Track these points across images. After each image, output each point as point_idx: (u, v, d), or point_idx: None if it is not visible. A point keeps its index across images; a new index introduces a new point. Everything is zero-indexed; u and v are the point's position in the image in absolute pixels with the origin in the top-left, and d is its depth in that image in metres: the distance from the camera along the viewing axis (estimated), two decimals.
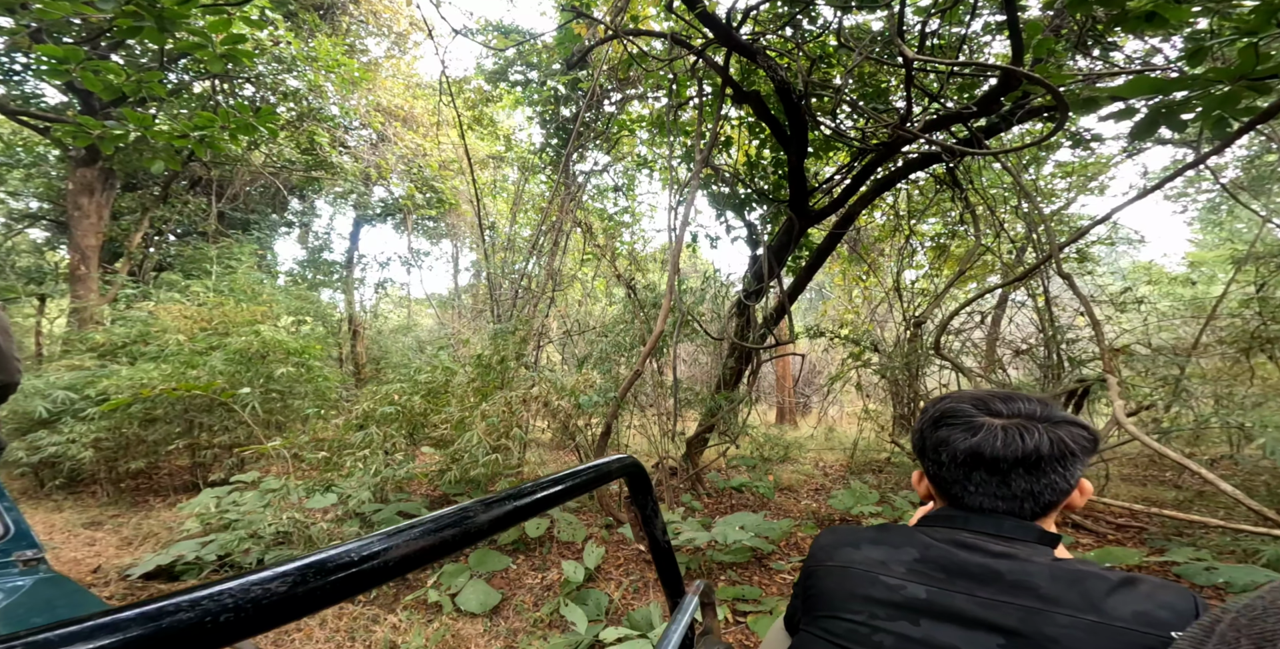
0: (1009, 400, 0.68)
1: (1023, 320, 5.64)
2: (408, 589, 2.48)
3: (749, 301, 4.63)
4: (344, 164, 7.22)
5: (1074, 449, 0.64)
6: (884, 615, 0.62)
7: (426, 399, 2.85)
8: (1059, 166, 5.94)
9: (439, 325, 7.71)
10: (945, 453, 0.68)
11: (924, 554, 0.65)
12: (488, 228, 7.83)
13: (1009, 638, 0.57)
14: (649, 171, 6.35)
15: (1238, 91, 1.95)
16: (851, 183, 4.64)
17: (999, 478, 0.65)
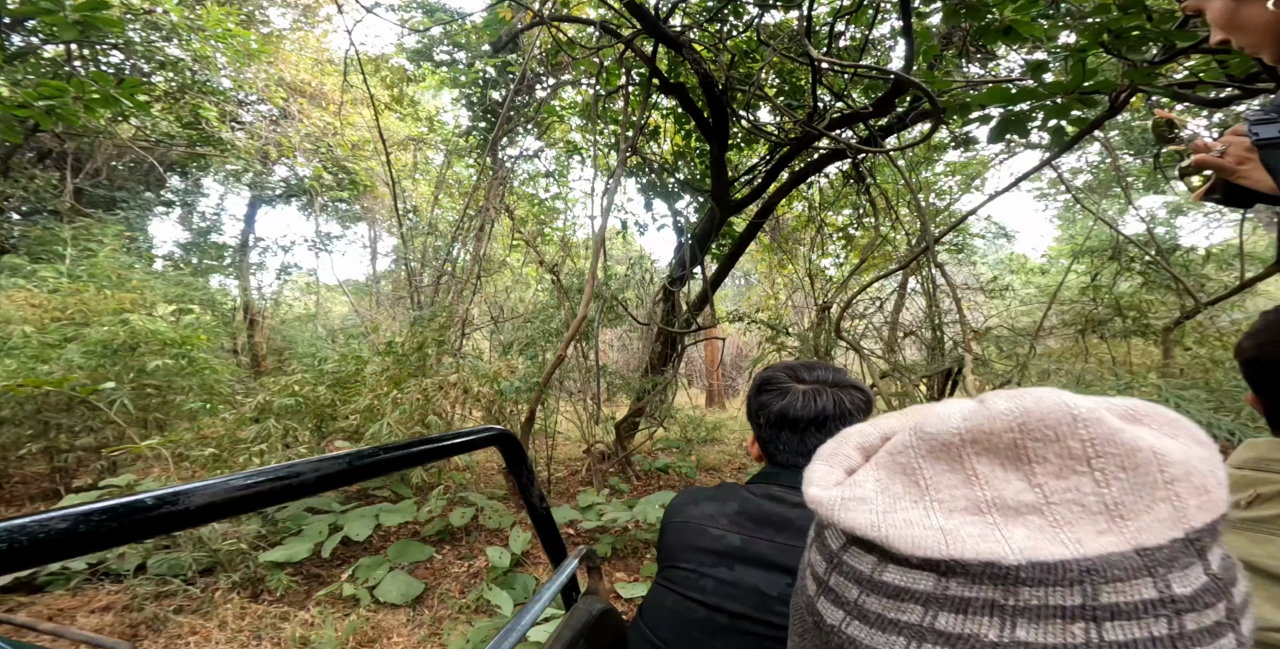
0: (811, 369, 0.79)
1: (920, 305, 6.25)
2: (320, 584, 2.38)
3: (673, 288, 4.78)
4: (235, 141, 6.51)
5: (851, 409, 0.75)
6: (709, 562, 0.71)
7: (334, 389, 2.70)
8: (948, 166, 6.57)
9: (354, 313, 7.23)
10: (763, 416, 0.78)
11: (742, 507, 0.74)
12: (409, 212, 7.43)
13: (794, 577, 0.65)
14: (581, 158, 6.30)
15: (1070, 103, 2.27)
16: (768, 174, 4.88)
17: (799, 436, 0.76)
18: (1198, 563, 0.22)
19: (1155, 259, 3.45)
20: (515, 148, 5.84)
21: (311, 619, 2.19)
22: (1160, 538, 0.22)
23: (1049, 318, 4.16)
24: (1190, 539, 0.22)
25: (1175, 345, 3.31)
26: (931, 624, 0.23)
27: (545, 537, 0.90)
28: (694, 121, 4.54)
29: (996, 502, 0.24)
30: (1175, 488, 0.23)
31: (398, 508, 2.66)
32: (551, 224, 7.30)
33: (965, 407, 0.27)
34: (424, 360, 2.94)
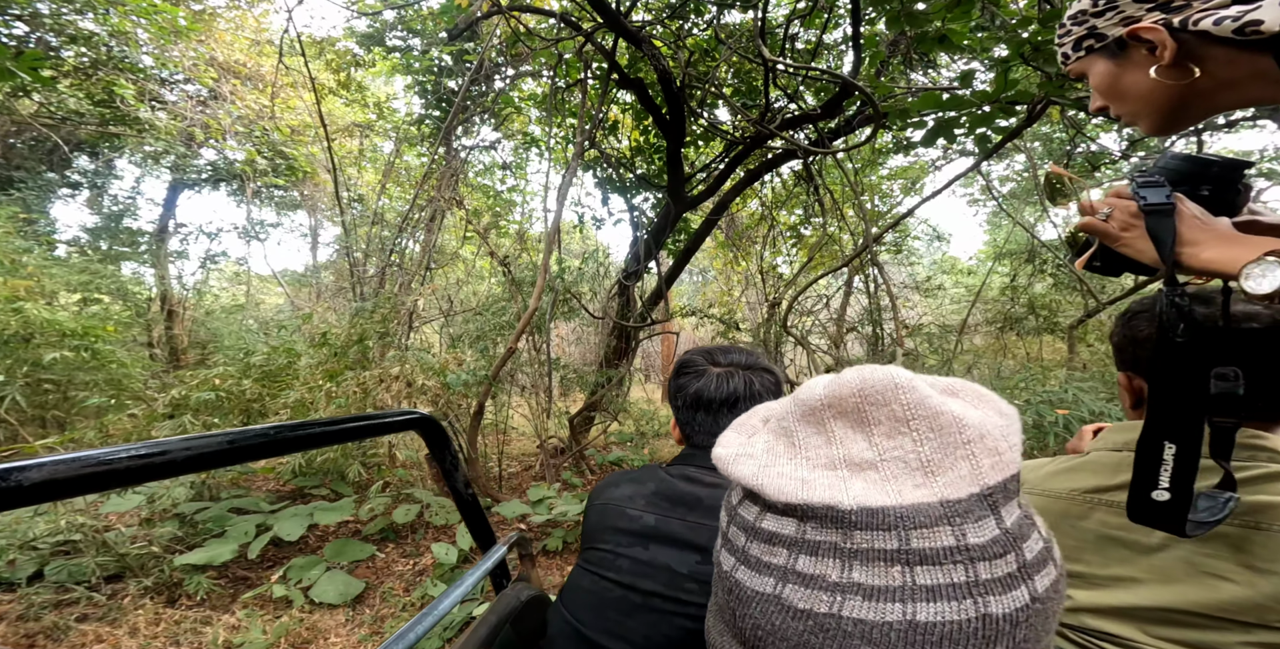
0: (727, 353, 0.82)
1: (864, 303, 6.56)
2: (246, 586, 2.24)
3: (628, 282, 4.79)
4: (154, 121, 6.00)
5: (761, 390, 0.78)
6: (626, 542, 0.72)
7: (261, 383, 2.52)
8: (892, 171, 6.91)
9: (290, 305, 6.81)
10: (680, 398, 0.80)
11: (658, 487, 0.76)
12: (355, 200, 7.08)
13: (704, 555, 0.68)
14: (539, 151, 6.19)
15: (994, 112, 2.44)
16: (722, 172, 4.97)
17: (712, 417, 0.78)
18: (990, 517, 0.26)
19: (1064, 262, 3.78)
20: (471, 138, 5.68)
21: (237, 623, 2.06)
22: (960, 492, 0.26)
23: (974, 315, 4.48)
24: (984, 495, 0.26)
25: (1079, 342, 3.65)
26: (793, 566, 0.27)
27: (472, 523, 0.88)
28: (651, 117, 4.56)
29: (846, 458, 0.29)
30: (971, 449, 0.27)
31: (335, 506, 2.54)
32: (507, 216, 7.16)
33: (827, 378, 0.32)
34: (364, 353, 2.81)
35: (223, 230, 7.69)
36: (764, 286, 5.81)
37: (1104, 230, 0.60)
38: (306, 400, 2.35)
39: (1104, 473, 0.67)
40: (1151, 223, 0.55)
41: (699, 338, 11.62)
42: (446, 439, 0.79)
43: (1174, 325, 0.52)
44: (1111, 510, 0.65)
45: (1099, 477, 0.68)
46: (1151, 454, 0.55)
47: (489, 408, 4.08)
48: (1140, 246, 0.56)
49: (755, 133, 4.42)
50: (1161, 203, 0.55)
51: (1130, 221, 0.57)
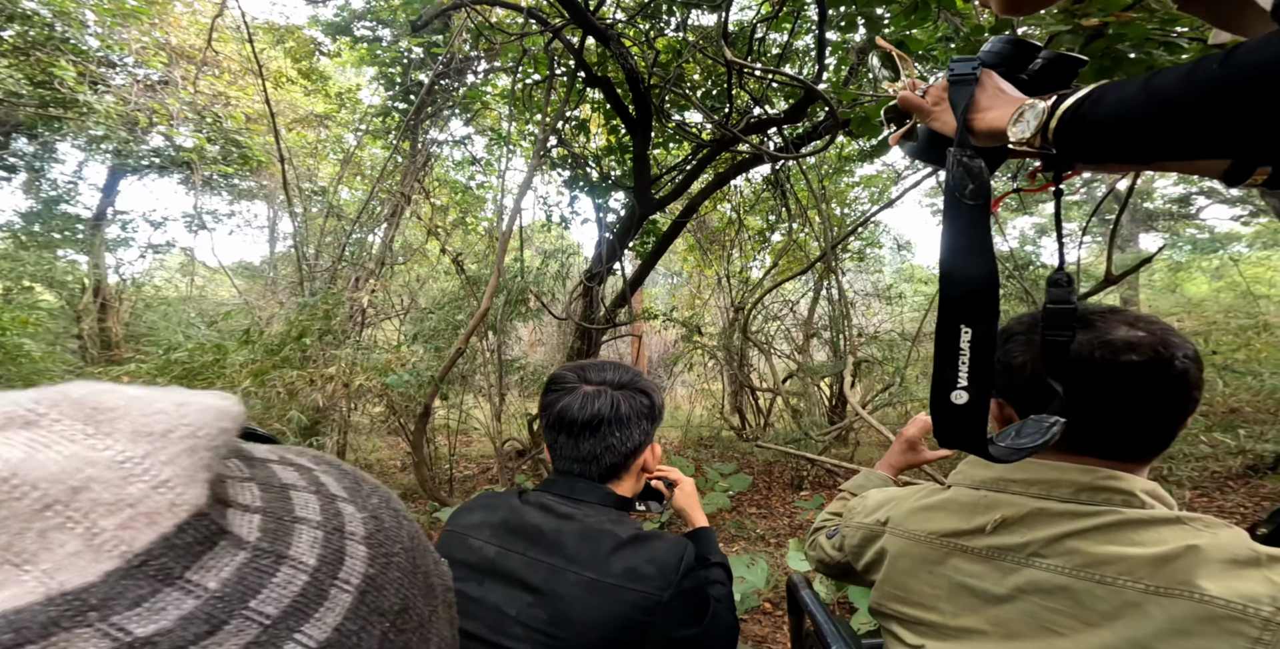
0: (603, 370, 0.76)
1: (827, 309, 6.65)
2: None
3: (591, 283, 4.73)
4: (93, 103, 5.68)
5: (628, 414, 0.72)
6: (460, 576, 0.65)
7: (180, 381, 2.35)
8: (860, 179, 7.04)
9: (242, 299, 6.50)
10: (545, 416, 0.75)
11: (507, 516, 0.70)
12: (317, 193, 6.83)
13: (536, 596, 0.62)
14: (510, 147, 6.09)
15: None
16: (689, 174, 4.96)
17: (574, 441, 0.73)
18: (168, 590, 0.18)
19: (1012, 273, 3.89)
20: (440, 132, 5.54)
21: None
22: (88, 575, 0.17)
23: (929, 324, 4.57)
24: (137, 566, 0.17)
25: None
26: None
27: None
28: (619, 117, 4.51)
29: None
30: (68, 512, 0.17)
31: None
32: (476, 213, 7.02)
33: None
34: (304, 350, 2.66)
35: (168, 219, 7.31)
36: (730, 291, 5.82)
37: (917, 104, 0.58)
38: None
39: (962, 514, 0.61)
40: (952, 92, 0.54)
41: (666, 340, 11.64)
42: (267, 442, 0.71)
43: (962, 185, 0.49)
44: (966, 556, 0.59)
45: (956, 518, 0.62)
46: (947, 344, 0.48)
47: (442, 408, 3.96)
48: (946, 119, 0.55)
49: (720, 135, 4.42)
50: (964, 72, 0.54)
51: (941, 95, 0.56)
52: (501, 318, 3.12)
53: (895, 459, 0.99)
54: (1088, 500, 0.54)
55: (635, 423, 0.74)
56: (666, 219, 5.89)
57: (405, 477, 4.10)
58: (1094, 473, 0.55)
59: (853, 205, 6.99)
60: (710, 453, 5.24)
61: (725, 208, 6.79)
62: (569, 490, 0.72)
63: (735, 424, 5.58)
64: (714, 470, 3.77)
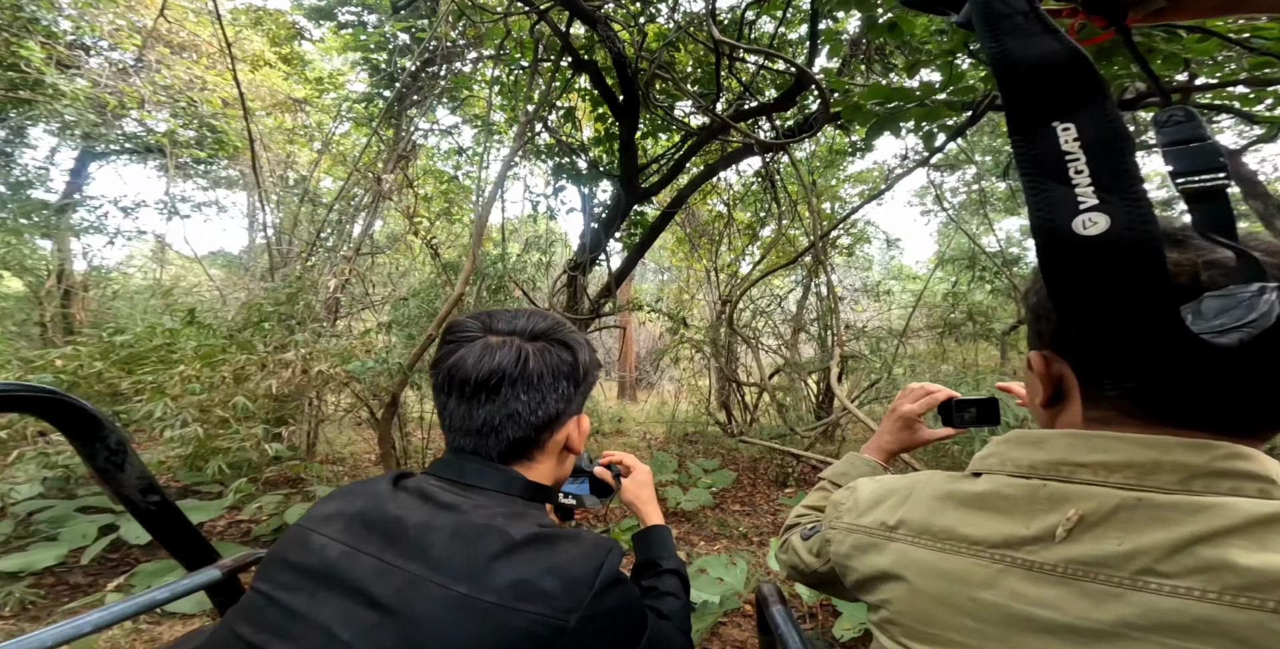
0: (514, 317, 0.59)
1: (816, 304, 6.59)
2: (67, 596, 1.93)
3: (575, 273, 4.61)
4: (59, 85, 5.46)
5: (538, 371, 0.55)
6: (289, 584, 0.49)
7: (124, 366, 2.18)
8: (851, 175, 6.99)
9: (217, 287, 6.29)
10: (437, 373, 0.57)
11: (367, 504, 0.53)
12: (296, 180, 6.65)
13: (382, 614, 0.45)
14: (495, 135, 5.96)
15: (939, 107, 2.37)
16: (677, 163, 4.85)
17: (466, 406, 0.55)
18: None
19: (1000, 270, 3.84)
20: (427, 120, 5.41)
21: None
22: None
23: (916, 320, 4.52)
24: None
25: (1011, 348, 3.71)
26: None
27: (167, 538, 0.66)
28: (606, 104, 4.39)
29: None
30: None
31: (204, 505, 2.24)
32: (462, 203, 6.89)
33: None
34: (264, 336, 2.51)
35: (141, 205, 7.05)
36: (718, 284, 5.73)
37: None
38: (164, 384, 2.03)
39: (1014, 514, 0.42)
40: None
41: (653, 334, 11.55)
42: (96, 427, 0.57)
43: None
44: (1031, 576, 0.39)
45: (1006, 519, 0.42)
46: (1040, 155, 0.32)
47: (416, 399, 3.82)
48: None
49: (710, 124, 4.32)
50: None
51: None
52: (478, 305, 2.99)
53: (887, 440, 0.79)
54: (1204, 490, 0.36)
55: (550, 385, 0.56)
56: (655, 210, 5.79)
57: (378, 471, 3.96)
58: (1211, 450, 0.37)
59: (843, 202, 6.95)
60: (695, 449, 5.15)
61: (715, 202, 6.71)
62: (457, 473, 0.55)
63: (722, 420, 5.50)
64: (697, 466, 3.68)
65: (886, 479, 0.56)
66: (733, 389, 5.40)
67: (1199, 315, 0.32)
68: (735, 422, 5.38)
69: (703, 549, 2.70)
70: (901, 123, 2.40)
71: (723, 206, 6.33)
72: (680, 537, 2.84)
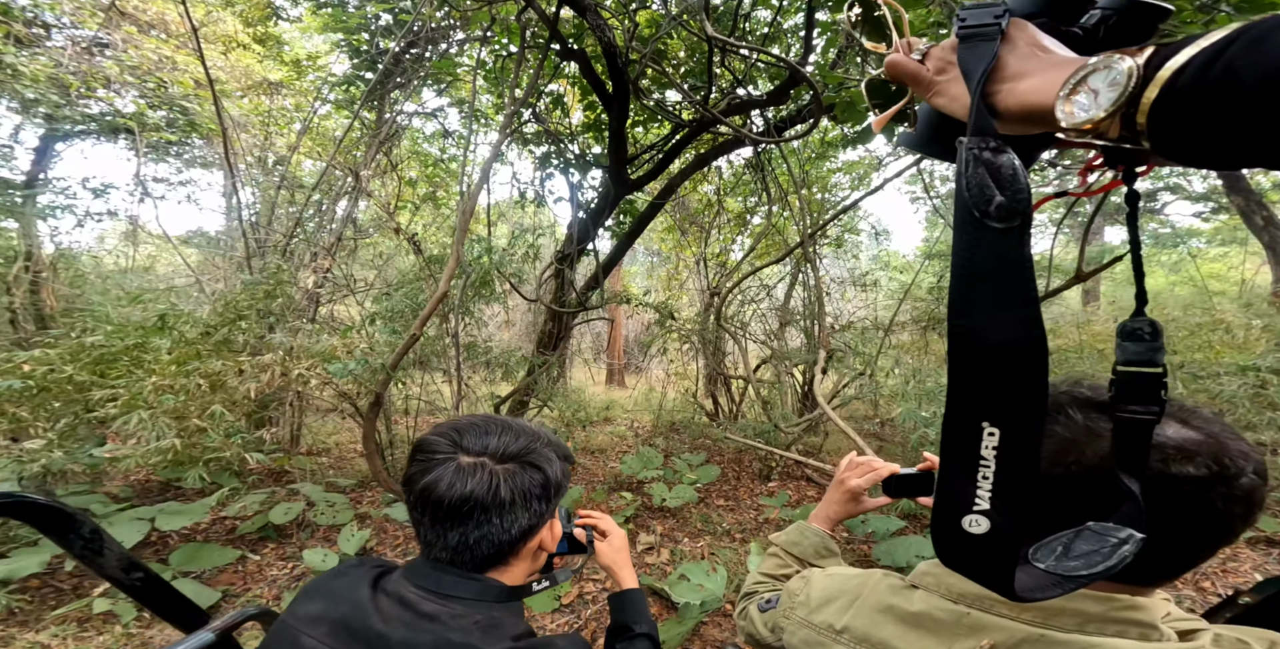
0: (486, 433, 0.61)
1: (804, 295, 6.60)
2: (54, 600, 1.93)
3: (562, 265, 4.56)
4: (18, 65, 5.19)
5: (510, 499, 0.58)
6: None
7: (94, 369, 2.13)
8: (843, 164, 6.94)
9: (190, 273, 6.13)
10: (410, 491, 0.60)
11: (351, 611, 0.56)
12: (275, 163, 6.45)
13: None
14: (483, 120, 5.80)
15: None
16: (667, 154, 4.77)
17: (439, 527, 0.58)
18: None
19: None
20: (410, 103, 5.24)
21: (47, 642, 1.77)
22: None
23: (902, 313, 4.56)
24: None
25: None
26: None
27: (156, 606, 0.68)
28: (595, 93, 4.28)
29: None
30: None
31: (185, 508, 2.23)
32: (448, 188, 6.75)
33: None
34: (243, 333, 2.46)
35: (111, 187, 6.79)
36: (707, 274, 5.72)
37: (913, 72, 0.40)
38: (138, 393, 1.99)
39: (941, 635, 0.48)
40: (963, 53, 0.36)
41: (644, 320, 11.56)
42: (68, 521, 0.58)
43: (984, 196, 0.31)
44: None
45: (934, 639, 0.49)
46: (959, 446, 0.32)
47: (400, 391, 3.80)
48: (955, 93, 0.37)
49: (702, 116, 4.24)
50: (981, 24, 0.36)
51: (947, 59, 0.38)
52: (463, 301, 2.96)
53: (834, 510, 0.86)
54: (1096, 632, 0.43)
55: (522, 506, 0.59)
56: (645, 198, 5.71)
57: (363, 462, 3.96)
58: (1110, 602, 0.43)
59: (833, 191, 6.91)
60: (681, 439, 5.21)
61: (706, 189, 6.63)
62: (435, 584, 0.58)
63: (709, 409, 5.55)
64: (683, 461, 3.73)
65: (837, 575, 0.63)
66: (720, 379, 5.44)
67: (1067, 551, 0.36)
68: (722, 411, 5.44)
69: (687, 546, 2.76)
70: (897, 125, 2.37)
71: (713, 193, 6.27)
72: (664, 533, 2.90)
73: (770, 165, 5.36)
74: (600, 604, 2.18)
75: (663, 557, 2.67)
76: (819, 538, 0.84)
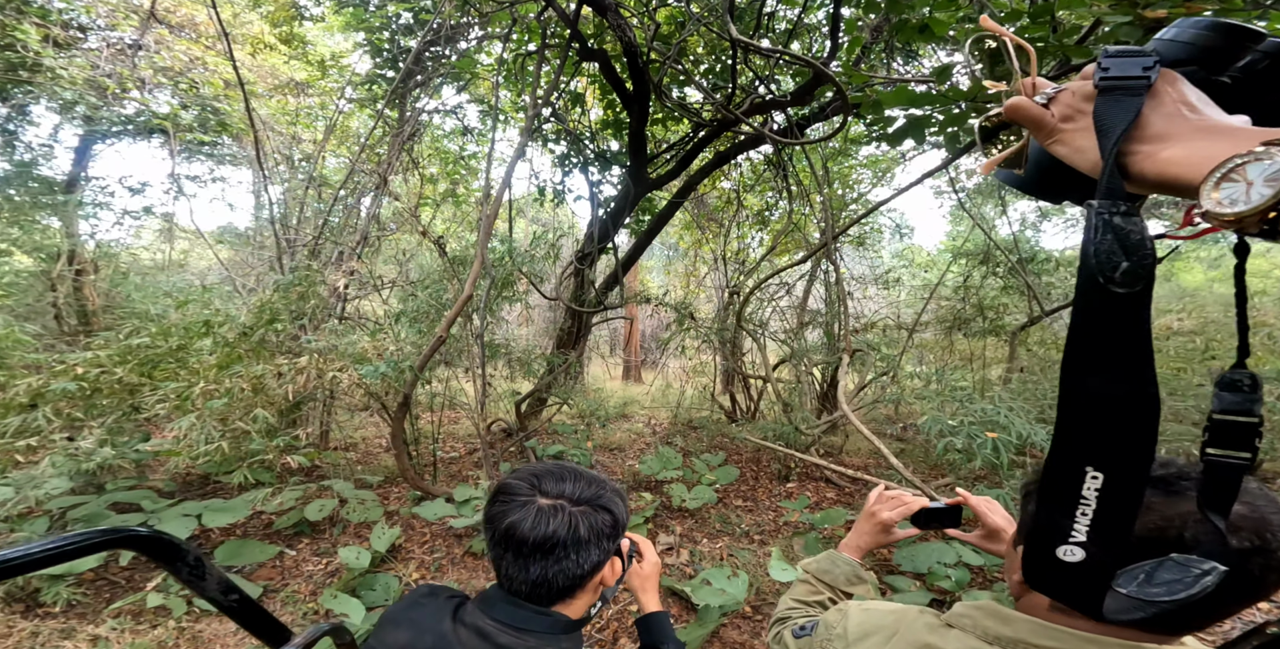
0: (562, 480, 0.68)
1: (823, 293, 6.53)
2: (108, 594, 2.04)
3: (581, 265, 4.60)
4: (57, 67, 5.38)
5: (587, 537, 0.65)
6: None
7: (141, 371, 2.24)
8: (865, 159, 6.81)
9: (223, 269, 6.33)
10: (492, 530, 0.66)
11: (435, 643, 0.61)
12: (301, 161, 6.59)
13: None
14: (502, 118, 5.84)
15: (968, 112, 2.29)
16: (687, 154, 4.75)
17: (522, 562, 0.65)
18: None
19: (1015, 266, 3.78)
20: (431, 100, 5.31)
21: (107, 635, 1.88)
22: None
23: (926, 313, 4.49)
24: None
25: (1020, 345, 3.69)
26: None
27: (247, 624, 0.74)
28: (615, 92, 4.27)
29: None
30: None
31: (227, 505, 2.33)
32: (467, 185, 6.82)
33: None
34: (276, 334, 2.55)
35: (147, 185, 7.02)
36: (726, 270, 5.69)
37: (1035, 117, 0.38)
38: (188, 395, 2.10)
39: None
40: (1100, 105, 0.34)
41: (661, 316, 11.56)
42: (176, 552, 0.64)
43: (1110, 261, 0.31)
44: None
45: None
46: (1062, 485, 0.34)
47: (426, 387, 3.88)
48: (1080, 144, 0.35)
49: (718, 115, 4.21)
50: (1128, 76, 0.34)
51: (1079, 107, 0.36)
52: (486, 303, 3.01)
53: (865, 540, 0.89)
54: None
55: (595, 543, 0.66)
56: (665, 195, 5.70)
57: (389, 458, 4.07)
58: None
59: (855, 186, 6.79)
60: (698, 437, 5.23)
61: (725, 185, 6.58)
62: (511, 618, 0.65)
63: (726, 407, 5.55)
64: (701, 462, 3.75)
65: (873, 610, 0.65)
66: (738, 377, 5.44)
67: (1149, 579, 0.38)
68: (740, 409, 5.44)
69: (705, 547, 2.80)
70: (926, 129, 2.33)
71: (732, 190, 6.22)
72: (683, 534, 2.93)
73: (791, 162, 5.30)
74: (618, 606, 2.23)
75: (682, 557, 2.71)
76: (850, 567, 0.87)
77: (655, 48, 3.77)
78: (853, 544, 0.90)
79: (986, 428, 1.98)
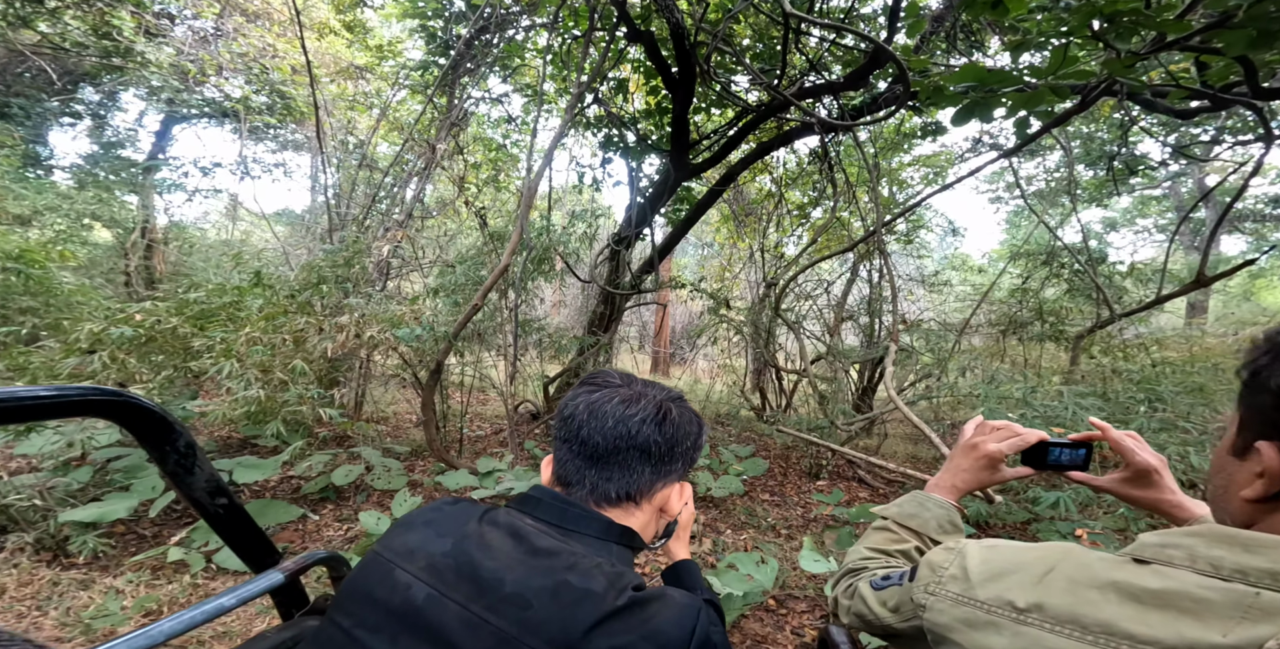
0: (651, 385, 0.62)
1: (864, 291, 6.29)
2: (134, 546, 2.11)
3: (618, 247, 4.57)
4: (146, 54, 5.78)
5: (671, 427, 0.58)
6: (371, 623, 0.48)
7: (194, 322, 2.34)
8: (916, 158, 6.52)
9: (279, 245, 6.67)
10: (568, 407, 0.58)
11: (456, 545, 0.51)
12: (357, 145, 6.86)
13: None
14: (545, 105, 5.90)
15: (1043, 92, 2.11)
16: (730, 141, 4.65)
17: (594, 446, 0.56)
18: None
19: (1084, 268, 3.50)
20: (480, 89, 5.43)
21: (122, 587, 1.93)
22: None
23: (977, 316, 4.24)
24: None
25: (1082, 353, 3.43)
26: None
27: (233, 539, 0.69)
28: (660, 76, 4.22)
29: None
30: None
31: (258, 464, 2.39)
32: (509, 172, 6.94)
33: None
34: (322, 297, 2.62)
35: (217, 165, 7.48)
36: (763, 265, 5.55)
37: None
38: (233, 343, 2.17)
39: (1208, 619, 0.36)
40: None
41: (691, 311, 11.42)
42: (169, 430, 0.58)
43: None
44: None
45: (1197, 625, 0.36)
46: None
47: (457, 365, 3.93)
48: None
49: (770, 101, 4.09)
50: None
51: None
52: (523, 276, 3.01)
53: (963, 478, 0.70)
54: None
55: (677, 446, 0.58)
56: (703, 187, 5.61)
57: (418, 432, 4.14)
58: None
59: (904, 186, 6.50)
60: (727, 432, 5.12)
61: (765, 180, 6.43)
62: (558, 517, 0.55)
63: (755, 404, 5.42)
64: (729, 452, 3.65)
65: (1002, 546, 0.51)
66: (769, 373, 5.29)
67: None
68: (770, 407, 5.29)
69: (730, 538, 2.70)
70: (995, 109, 2.16)
71: (772, 185, 6.07)
72: (707, 523, 2.85)
73: (838, 156, 5.11)
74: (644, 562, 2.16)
75: (704, 546, 2.63)
76: (944, 510, 0.69)
77: (703, 29, 3.69)
78: (946, 483, 0.71)
79: (1053, 424, 1.81)
